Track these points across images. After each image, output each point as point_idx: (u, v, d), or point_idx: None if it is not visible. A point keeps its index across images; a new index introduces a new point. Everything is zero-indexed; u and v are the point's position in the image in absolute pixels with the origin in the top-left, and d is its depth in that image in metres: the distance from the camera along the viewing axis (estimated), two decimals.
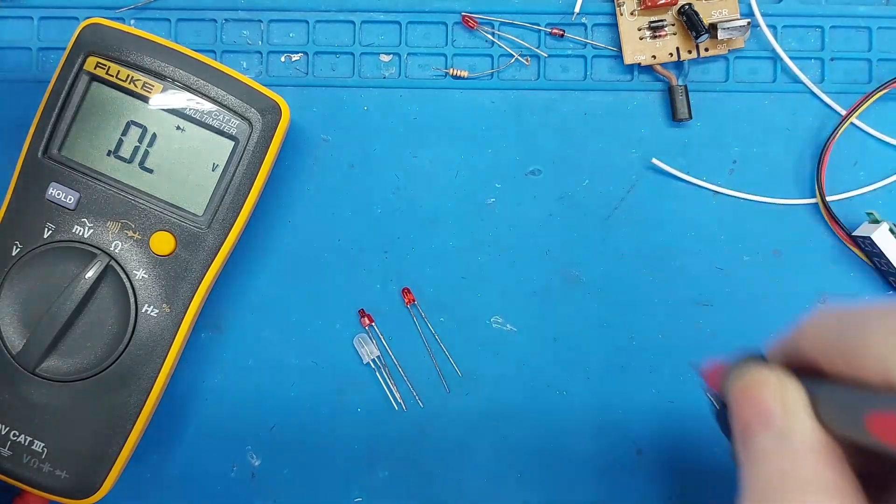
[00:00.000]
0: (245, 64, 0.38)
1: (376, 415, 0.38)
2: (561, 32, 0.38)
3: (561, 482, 0.38)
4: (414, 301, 0.38)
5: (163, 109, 0.34)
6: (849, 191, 0.38)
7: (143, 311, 0.33)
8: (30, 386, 0.33)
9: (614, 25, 0.38)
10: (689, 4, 0.37)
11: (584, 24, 0.38)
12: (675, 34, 0.38)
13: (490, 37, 0.38)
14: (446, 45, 0.38)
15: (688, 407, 0.38)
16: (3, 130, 0.38)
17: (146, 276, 0.33)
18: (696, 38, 0.36)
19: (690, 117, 0.37)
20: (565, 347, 0.38)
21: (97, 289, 0.33)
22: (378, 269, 0.38)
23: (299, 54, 0.38)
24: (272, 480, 0.38)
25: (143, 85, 0.34)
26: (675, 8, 0.37)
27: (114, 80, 0.33)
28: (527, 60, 0.38)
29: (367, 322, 0.38)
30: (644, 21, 0.37)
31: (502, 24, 0.38)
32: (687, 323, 0.38)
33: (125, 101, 0.34)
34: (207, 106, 0.34)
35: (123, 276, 0.33)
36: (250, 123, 0.34)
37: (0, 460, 0.33)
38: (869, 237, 0.35)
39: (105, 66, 0.33)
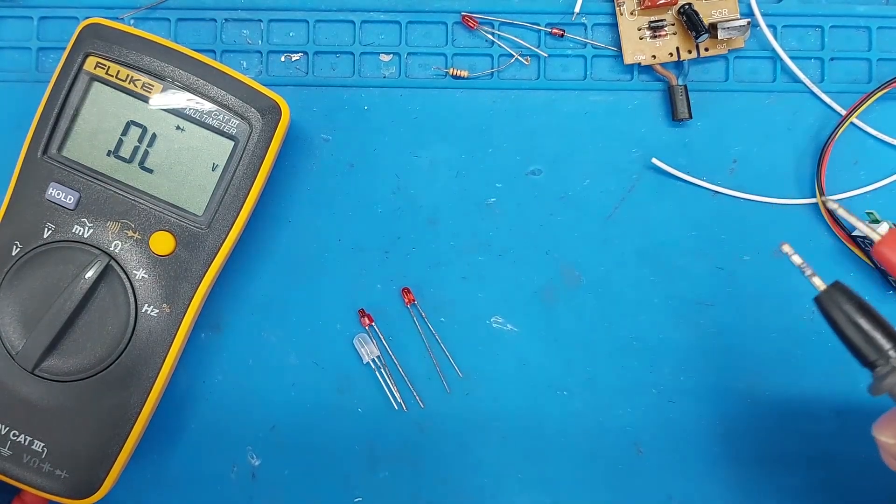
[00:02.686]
0: (245, 64, 0.38)
1: (376, 415, 0.38)
2: (561, 32, 0.38)
3: (561, 482, 0.38)
4: (414, 301, 0.38)
5: (163, 109, 0.34)
6: (849, 191, 0.38)
7: (143, 311, 0.33)
8: (30, 386, 0.33)
9: (614, 25, 0.38)
10: (689, 4, 0.37)
11: (584, 24, 0.38)
12: (675, 34, 0.38)
13: (490, 37, 0.38)
14: (446, 44, 0.38)
15: (688, 407, 0.38)
16: (3, 130, 0.38)
17: (146, 276, 0.33)
18: (696, 37, 0.36)
19: (690, 117, 0.37)
20: (565, 347, 0.38)
21: (97, 289, 0.33)
22: (378, 269, 0.38)
23: (299, 54, 0.38)
24: (272, 480, 0.38)
25: (143, 85, 0.34)
26: (675, 8, 0.37)
27: (114, 80, 0.33)
28: (527, 60, 0.38)
29: (367, 322, 0.38)
30: (644, 21, 0.37)
31: (502, 23, 0.38)
32: (687, 323, 0.38)
33: (125, 101, 0.34)
34: (207, 106, 0.34)
35: (123, 276, 0.33)
36: (250, 123, 0.34)
37: (0, 460, 0.33)
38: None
39: (105, 65, 0.33)
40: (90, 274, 0.33)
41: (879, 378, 0.26)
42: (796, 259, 0.27)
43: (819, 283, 0.27)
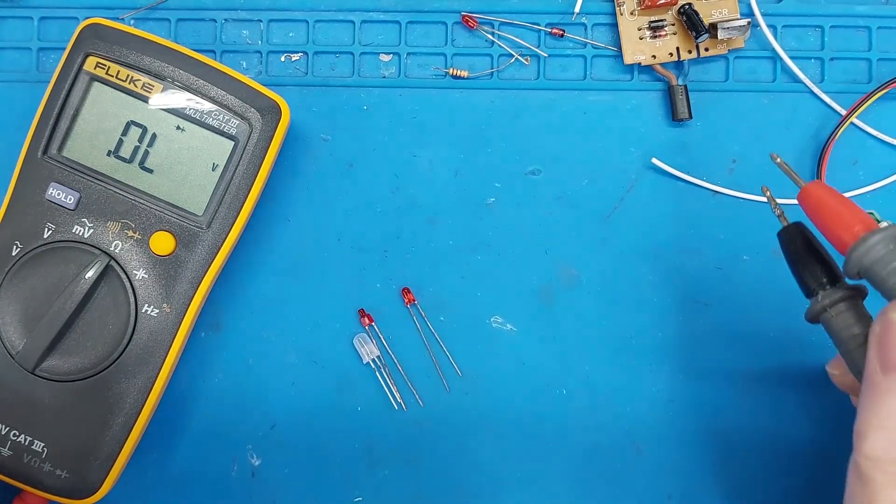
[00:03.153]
0: (245, 64, 0.38)
1: (376, 414, 0.38)
2: (561, 32, 0.38)
3: (560, 481, 0.38)
4: (414, 301, 0.38)
5: (163, 109, 0.34)
6: (849, 191, 0.38)
7: (143, 311, 0.34)
8: (30, 386, 0.33)
9: (614, 25, 0.38)
10: (689, 4, 0.37)
11: (584, 24, 0.38)
12: (675, 34, 0.38)
13: (490, 36, 0.38)
14: (446, 44, 0.38)
15: (687, 406, 0.38)
16: (3, 130, 0.38)
17: (146, 276, 0.33)
18: (696, 37, 0.36)
19: (690, 117, 0.37)
20: (564, 347, 0.38)
21: (97, 289, 0.33)
22: (378, 269, 0.38)
23: (299, 54, 0.38)
24: (272, 480, 0.38)
25: (143, 85, 0.34)
26: (675, 8, 0.37)
27: (114, 80, 0.33)
28: (526, 60, 0.38)
29: (367, 322, 0.38)
30: (644, 21, 0.37)
31: (502, 23, 0.38)
32: (687, 323, 0.38)
33: (125, 101, 0.34)
34: (207, 106, 0.34)
35: (123, 276, 0.33)
36: (250, 123, 0.34)
37: (0, 460, 0.33)
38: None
39: (105, 66, 0.33)
40: (90, 274, 0.33)
41: (812, 304, 0.28)
42: (771, 198, 0.30)
43: (783, 221, 0.30)
